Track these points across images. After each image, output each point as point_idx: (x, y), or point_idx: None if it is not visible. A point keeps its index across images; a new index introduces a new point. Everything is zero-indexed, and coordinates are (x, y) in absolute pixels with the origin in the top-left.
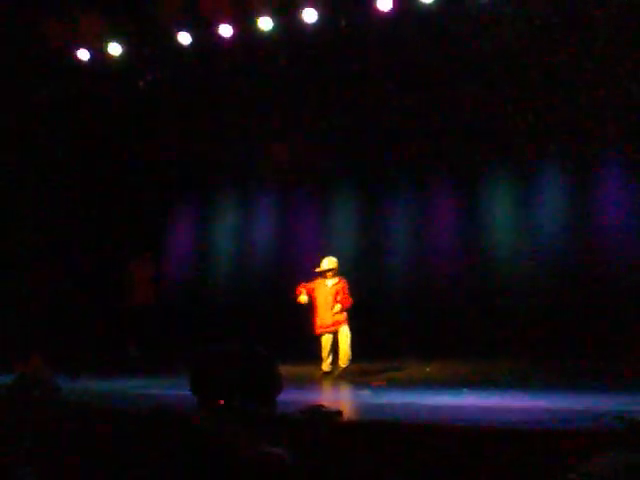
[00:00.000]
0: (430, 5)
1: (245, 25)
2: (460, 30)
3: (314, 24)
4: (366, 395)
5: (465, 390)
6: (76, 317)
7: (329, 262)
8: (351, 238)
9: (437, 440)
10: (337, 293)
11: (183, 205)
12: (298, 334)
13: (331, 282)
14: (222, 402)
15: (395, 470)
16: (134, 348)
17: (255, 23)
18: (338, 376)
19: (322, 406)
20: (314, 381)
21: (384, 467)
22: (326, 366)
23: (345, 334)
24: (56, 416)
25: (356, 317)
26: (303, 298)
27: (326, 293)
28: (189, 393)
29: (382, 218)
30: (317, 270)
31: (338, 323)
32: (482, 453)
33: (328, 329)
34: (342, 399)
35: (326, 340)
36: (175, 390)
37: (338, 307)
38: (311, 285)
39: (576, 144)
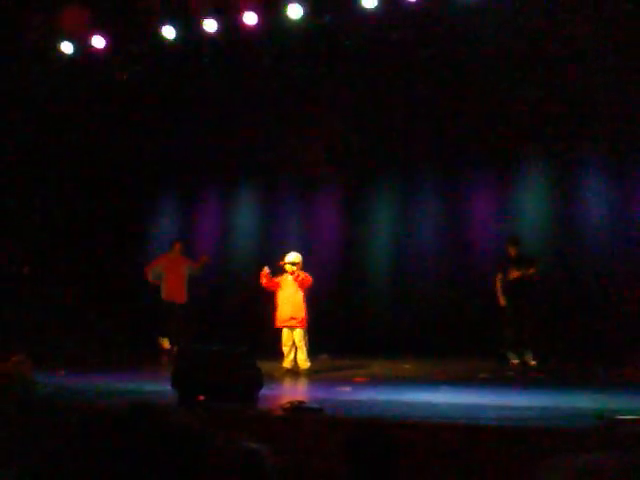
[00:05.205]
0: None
1: (230, 20)
2: (446, 28)
3: (299, 20)
4: (347, 391)
5: (443, 387)
6: (65, 314)
7: (294, 256)
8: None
9: (416, 436)
10: (300, 285)
11: (165, 201)
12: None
13: (293, 277)
14: (201, 398)
15: None
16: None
17: (240, 18)
18: (303, 375)
19: (303, 402)
20: (296, 377)
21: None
22: (287, 363)
23: (298, 339)
24: (38, 414)
25: (338, 312)
26: (264, 280)
27: (288, 287)
28: (171, 389)
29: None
30: (281, 263)
31: (295, 319)
32: (460, 450)
33: (286, 323)
34: (323, 395)
35: (286, 336)
36: (157, 386)
37: (290, 267)
38: (276, 279)
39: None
